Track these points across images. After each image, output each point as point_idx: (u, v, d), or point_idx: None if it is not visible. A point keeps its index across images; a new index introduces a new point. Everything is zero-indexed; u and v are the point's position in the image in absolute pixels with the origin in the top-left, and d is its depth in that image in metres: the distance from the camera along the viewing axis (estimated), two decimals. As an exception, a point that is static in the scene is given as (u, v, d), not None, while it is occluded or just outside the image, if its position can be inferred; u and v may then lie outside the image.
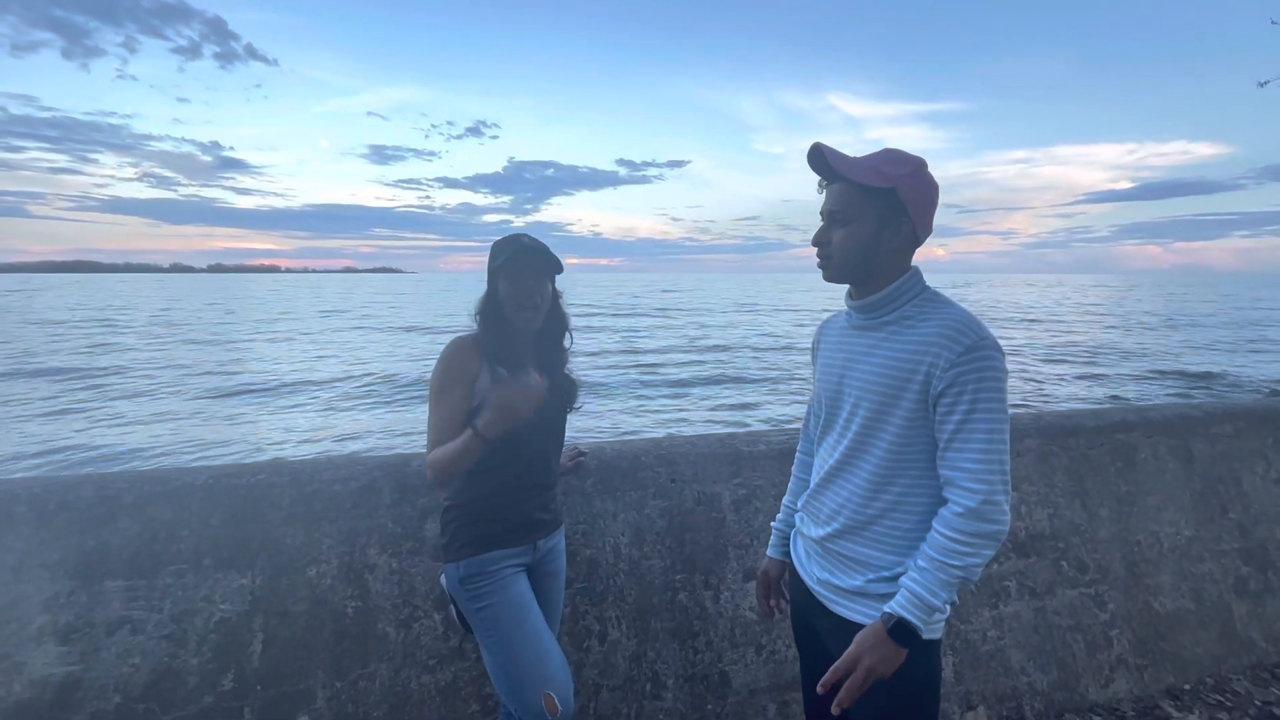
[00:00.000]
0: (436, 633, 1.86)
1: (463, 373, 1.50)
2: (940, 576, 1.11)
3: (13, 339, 25.76)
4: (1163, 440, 2.64)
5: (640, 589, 2.03)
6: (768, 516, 2.18)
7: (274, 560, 1.82)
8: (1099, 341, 24.51)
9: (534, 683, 1.44)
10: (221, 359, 20.02)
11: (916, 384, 1.16)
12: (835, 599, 1.28)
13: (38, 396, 13.84)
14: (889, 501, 1.22)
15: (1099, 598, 2.36)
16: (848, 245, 1.22)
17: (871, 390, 1.22)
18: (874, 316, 1.25)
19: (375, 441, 10.47)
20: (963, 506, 1.11)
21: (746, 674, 2.03)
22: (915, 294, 1.23)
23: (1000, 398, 1.12)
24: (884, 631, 1.12)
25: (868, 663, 1.12)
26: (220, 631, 1.74)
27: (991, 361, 1.12)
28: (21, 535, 1.72)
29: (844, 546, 1.27)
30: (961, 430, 1.13)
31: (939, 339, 1.14)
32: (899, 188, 1.17)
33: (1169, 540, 2.51)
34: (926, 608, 1.11)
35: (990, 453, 1.11)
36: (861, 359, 1.26)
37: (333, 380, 16.19)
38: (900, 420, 1.19)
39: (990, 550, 1.12)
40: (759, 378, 16.85)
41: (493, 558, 1.54)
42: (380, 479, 1.96)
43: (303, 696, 1.73)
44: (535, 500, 1.62)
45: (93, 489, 1.82)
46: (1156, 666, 2.35)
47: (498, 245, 1.59)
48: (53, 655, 1.65)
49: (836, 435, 1.31)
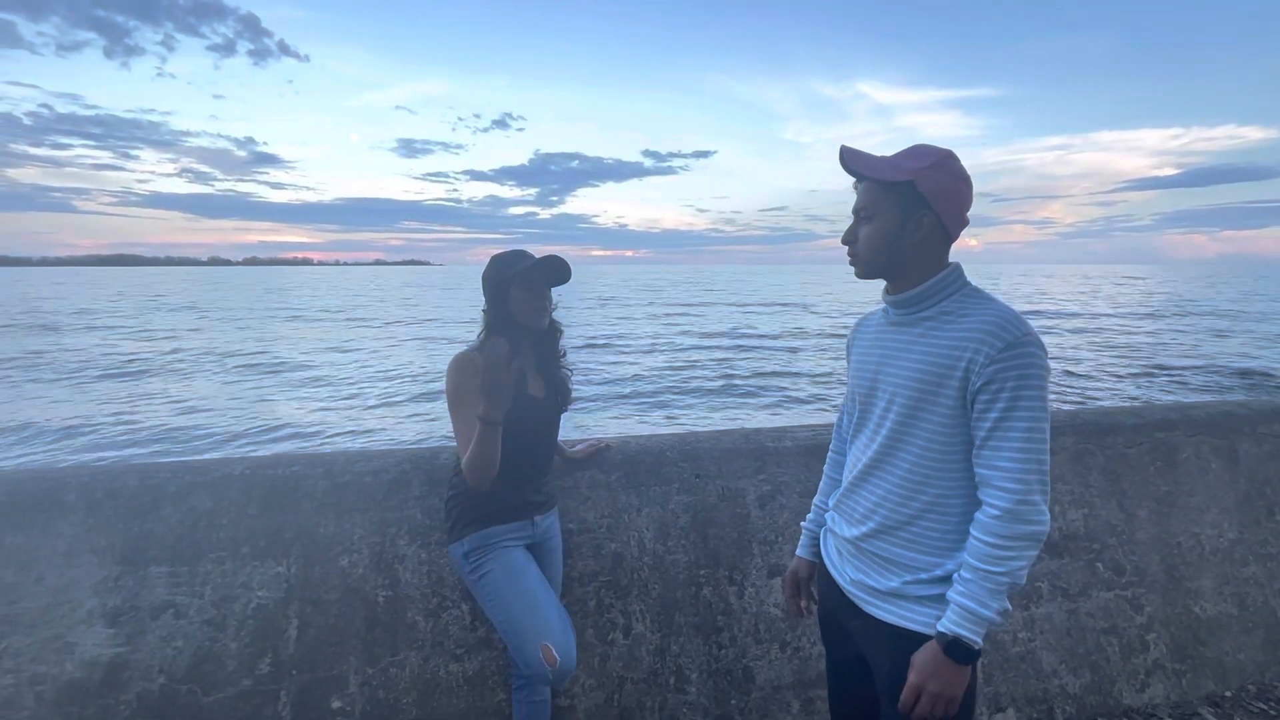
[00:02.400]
0: (464, 623, 1.89)
1: (472, 386, 1.59)
2: (986, 586, 1.08)
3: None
4: (1206, 439, 2.55)
5: (664, 583, 2.04)
6: (793, 513, 2.17)
7: (308, 549, 1.87)
8: (1138, 337, 23.66)
9: (531, 635, 1.55)
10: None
11: (954, 380, 1.13)
12: (870, 600, 1.26)
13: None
14: (926, 502, 1.20)
15: (1135, 600, 2.30)
16: (871, 241, 1.22)
17: (907, 387, 1.20)
18: (910, 312, 1.23)
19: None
20: (998, 509, 1.09)
21: (771, 670, 2.03)
22: (955, 289, 1.20)
23: (1041, 396, 1.09)
24: (941, 653, 1.10)
25: (933, 689, 1.10)
26: (258, 617, 1.80)
27: (1033, 359, 1.09)
28: (72, 522, 1.80)
29: (879, 547, 1.25)
30: (999, 428, 1.10)
31: (979, 335, 1.12)
32: (917, 180, 1.16)
33: (1211, 543, 2.43)
34: (978, 620, 1.08)
35: (1028, 452, 1.08)
36: (897, 355, 1.24)
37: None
38: (937, 418, 1.16)
39: (1032, 551, 1.09)
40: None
41: (494, 531, 1.67)
42: (410, 471, 2.00)
43: (336, 681, 1.79)
44: (529, 486, 1.76)
45: (137, 478, 1.89)
46: (1196, 672, 2.28)
47: (503, 258, 1.71)
48: (102, 637, 1.72)
49: (870, 433, 1.29)
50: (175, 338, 24.32)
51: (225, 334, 25.99)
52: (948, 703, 1.10)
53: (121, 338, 24.15)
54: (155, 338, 24.28)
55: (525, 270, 1.66)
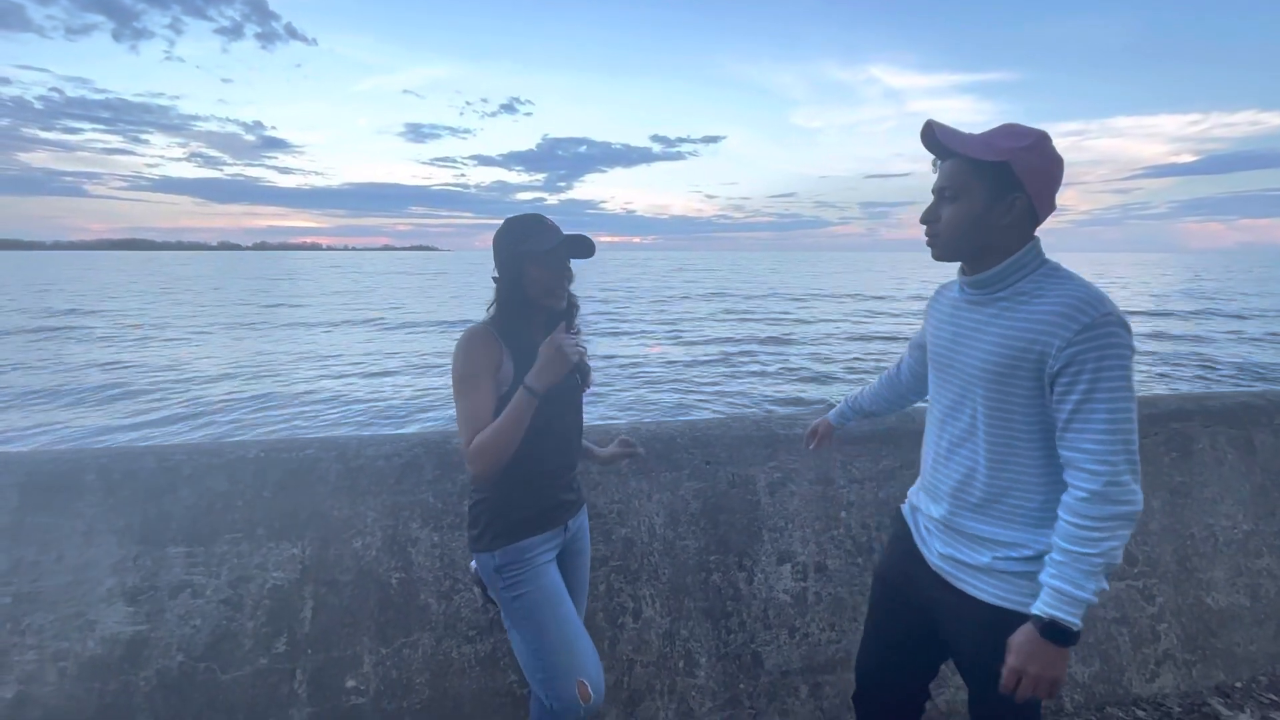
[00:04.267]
0: (476, 605, 1.91)
1: (487, 361, 1.46)
2: (1081, 568, 1.08)
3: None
4: (1222, 430, 2.52)
5: (674, 568, 2.05)
6: (803, 500, 2.17)
7: (322, 531, 1.89)
8: (1158, 325, 23.29)
9: (567, 671, 1.44)
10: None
11: (1031, 362, 1.13)
12: (962, 576, 1.27)
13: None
14: (1010, 479, 1.20)
15: (1147, 591, 2.29)
16: (956, 222, 1.18)
17: (985, 368, 1.19)
18: (987, 292, 1.22)
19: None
20: (1086, 490, 1.08)
21: (779, 655, 2.04)
22: (1033, 268, 1.17)
23: (1124, 376, 1.07)
24: (1038, 636, 1.10)
25: (1034, 671, 1.10)
26: (273, 598, 1.82)
27: (1115, 338, 1.07)
28: (91, 502, 1.83)
29: (967, 524, 1.26)
30: (1081, 410, 1.09)
31: (1056, 316, 1.10)
32: (1013, 161, 1.12)
33: (1225, 534, 2.41)
34: (1074, 601, 1.08)
35: (1114, 433, 1.07)
36: (973, 335, 1.23)
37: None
38: (1016, 400, 1.16)
39: (1125, 531, 1.08)
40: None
41: (529, 544, 1.52)
42: (422, 455, 2.02)
43: (350, 662, 1.81)
44: (562, 481, 1.62)
45: (154, 460, 1.91)
46: (1206, 663, 2.28)
47: (520, 227, 1.54)
48: (122, 615, 1.75)
49: (948, 410, 1.29)
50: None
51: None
52: (1051, 684, 1.11)
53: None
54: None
55: (549, 249, 1.49)
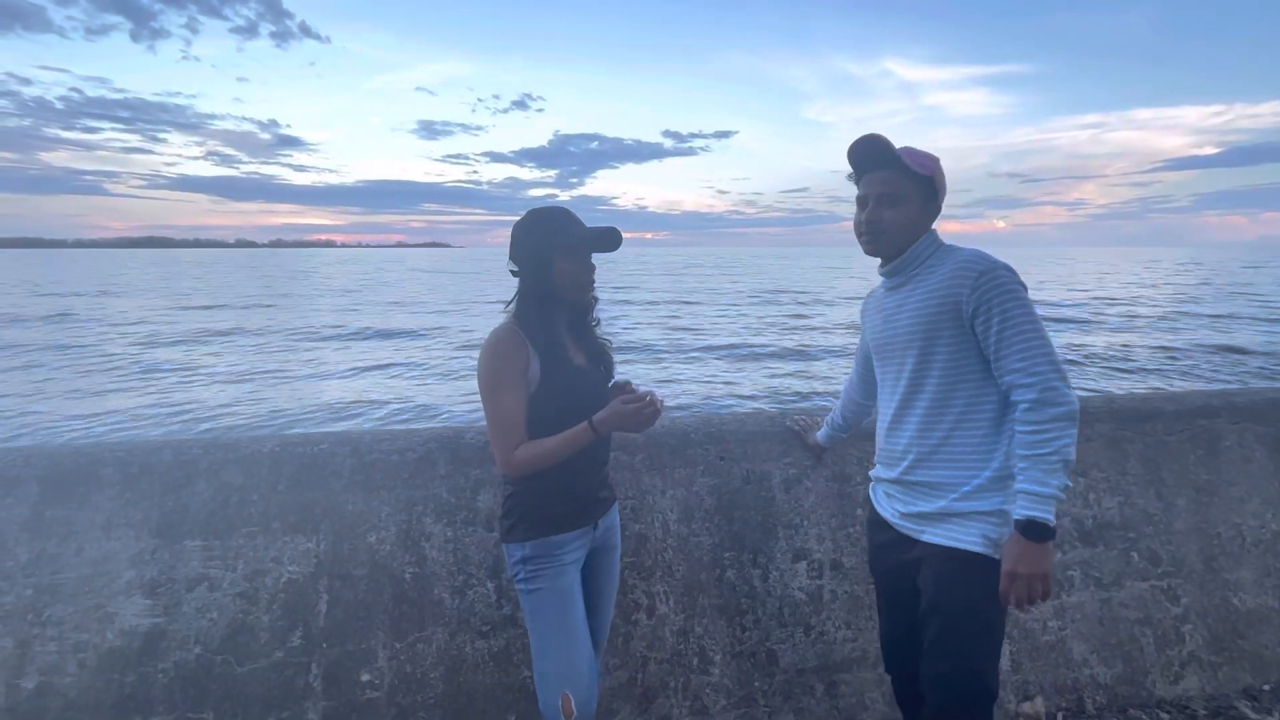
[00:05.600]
0: (489, 600, 1.91)
1: (516, 364, 1.44)
2: (1041, 466, 1.23)
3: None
4: (1250, 427, 2.46)
5: (688, 565, 2.04)
6: (819, 497, 2.14)
7: (336, 526, 1.90)
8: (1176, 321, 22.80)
9: (555, 679, 1.44)
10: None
11: (950, 313, 1.34)
12: (922, 527, 1.42)
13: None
14: (952, 422, 1.37)
15: (1171, 591, 2.24)
16: (900, 223, 1.42)
17: (913, 333, 1.40)
18: (903, 276, 1.46)
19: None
20: (1027, 400, 1.26)
21: (795, 653, 2.02)
22: (934, 249, 1.44)
23: (1023, 304, 1.29)
24: (1020, 537, 1.24)
25: (1023, 571, 1.24)
26: (289, 591, 1.83)
27: (1005, 277, 1.30)
28: (109, 496, 1.84)
29: (919, 475, 1.42)
30: (1002, 340, 1.29)
31: (957, 273, 1.34)
32: (934, 176, 1.41)
33: (1253, 534, 2.36)
34: (1043, 498, 1.23)
35: (1032, 348, 1.27)
36: (897, 312, 1.46)
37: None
38: (945, 349, 1.36)
39: (1071, 429, 1.24)
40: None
41: (558, 540, 1.50)
42: (435, 450, 2.01)
43: (365, 655, 1.82)
44: (596, 477, 1.60)
45: (171, 453, 1.92)
46: (1233, 665, 2.22)
47: (549, 218, 1.50)
48: (140, 607, 1.77)
49: (892, 384, 1.49)
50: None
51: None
52: (1041, 580, 1.24)
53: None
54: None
55: (578, 244, 1.47)
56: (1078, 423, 1.25)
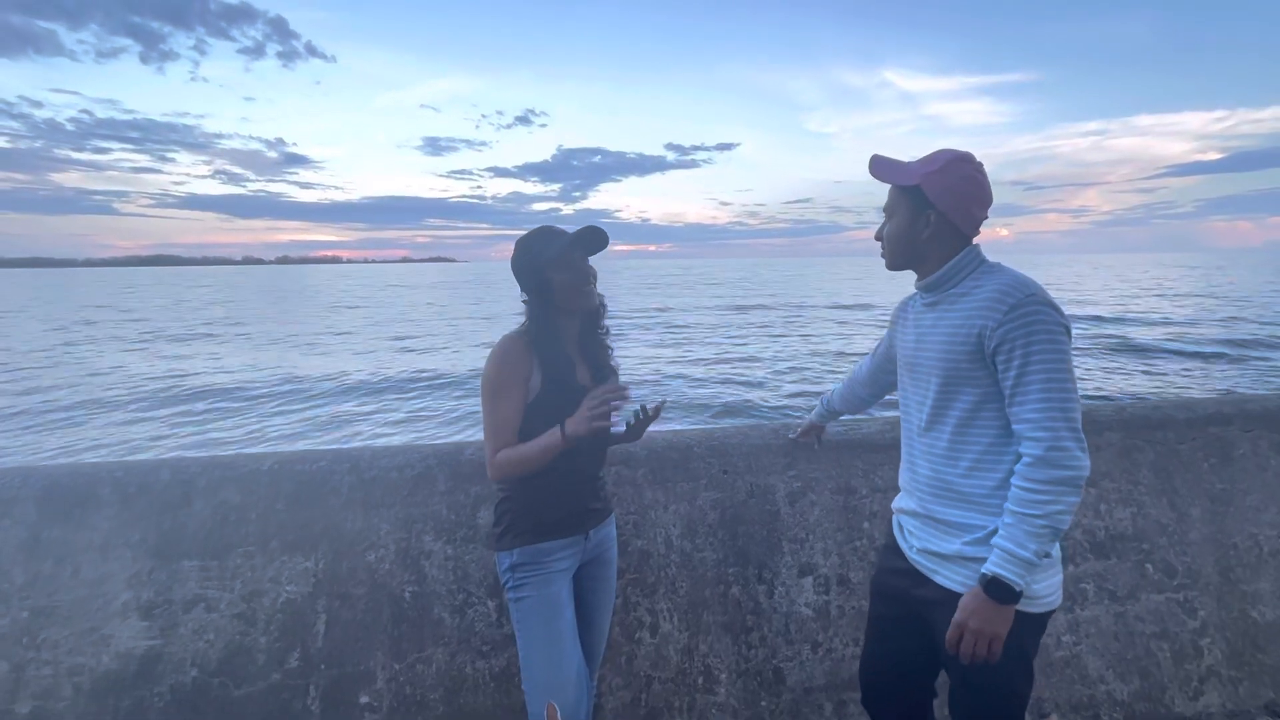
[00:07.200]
0: (490, 619, 1.88)
1: (517, 372, 1.48)
2: (1024, 528, 1.15)
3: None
4: (1264, 434, 2.41)
5: (692, 581, 2.00)
6: (824, 510, 2.11)
7: (335, 544, 1.87)
8: (1186, 328, 22.54)
9: (542, 689, 1.44)
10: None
11: (972, 346, 1.24)
12: (934, 567, 1.34)
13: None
14: (972, 459, 1.28)
15: (1188, 604, 2.19)
16: (891, 237, 1.38)
17: (940, 361, 1.31)
18: (936, 294, 1.36)
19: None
20: (1031, 456, 1.17)
21: (802, 671, 1.97)
22: (973, 268, 1.31)
23: (1054, 348, 1.17)
24: (981, 592, 1.17)
25: (973, 626, 1.17)
26: (286, 612, 1.80)
27: (1040, 315, 1.17)
28: (106, 516, 1.83)
29: (937, 512, 1.34)
30: (1019, 384, 1.19)
31: (990, 302, 1.22)
32: (923, 184, 1.29)
33: (1270, 544, 2.30)
34: (1016, 560, 1.14)
35: (1049, 401, 1.16)
36: (928, 333, 1.37)
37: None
38: (969, 385, 1.27)
39: (1071, 496, 1.15)
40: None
41: (547, 548, 1.52)
42: (435, 467, 1.99)
43: (364, 677, 1.79)
44: (588, 489, 1.62)
45: (169, 473, 1.91)
46: (1254, 680, 2.16)
47: (532, 241, 1.56)
48: (136, 629, 1.75)
49: (918, 405, 1.41)
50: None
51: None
52: (990, 640, 1.17)
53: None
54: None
55: (564, 251, 1.50)
56: (1081, 490, 1.16)
